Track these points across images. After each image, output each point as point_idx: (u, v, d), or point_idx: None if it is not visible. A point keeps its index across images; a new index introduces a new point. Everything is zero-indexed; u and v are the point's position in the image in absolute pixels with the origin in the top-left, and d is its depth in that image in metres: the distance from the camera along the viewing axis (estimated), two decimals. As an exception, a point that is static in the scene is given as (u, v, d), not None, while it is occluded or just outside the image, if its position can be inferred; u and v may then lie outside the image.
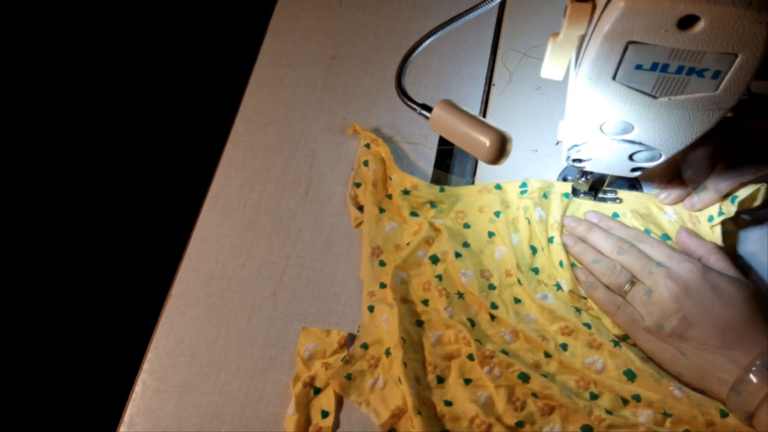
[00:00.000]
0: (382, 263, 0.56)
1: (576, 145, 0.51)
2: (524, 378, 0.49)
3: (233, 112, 0.68)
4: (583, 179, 0.56)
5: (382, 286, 0.55)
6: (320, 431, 0.50)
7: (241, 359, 0.54)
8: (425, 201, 0.59)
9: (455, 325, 0.51)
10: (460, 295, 0.54)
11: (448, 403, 0.49)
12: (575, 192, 0.58)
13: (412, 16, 0.72)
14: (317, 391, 0.52)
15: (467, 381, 0.50)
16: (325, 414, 0.51)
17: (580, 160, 0.53)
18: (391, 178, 0.60)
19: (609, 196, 0.58)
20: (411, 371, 0.50)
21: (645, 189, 0.59)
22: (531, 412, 0.48)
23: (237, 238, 0.60)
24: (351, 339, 0.54)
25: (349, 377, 0.51)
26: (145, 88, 1.50)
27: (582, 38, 0.42)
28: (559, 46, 0.43)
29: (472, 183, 0.61)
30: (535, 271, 0.55)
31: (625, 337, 0.51)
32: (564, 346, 0.51)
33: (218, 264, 0.59)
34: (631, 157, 0.50)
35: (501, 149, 0.45)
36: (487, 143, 0.45)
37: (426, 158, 0.63)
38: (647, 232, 0.55)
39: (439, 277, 0.54)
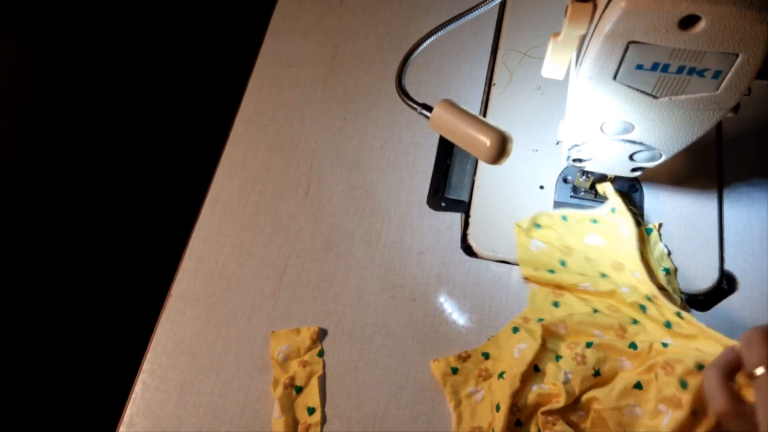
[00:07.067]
0: (556, 304, 0.55)
1: (576, 145, 0.51)
2: None
3: (233, 113, 0.68)
4: (583, 178, 0.56)
5: (540, 320, 0.53)
6: (309, 428, 0.50)
7: (241, 359, 0.54)
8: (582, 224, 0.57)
9: (559, 391, 0.49)
10: (589, 345, 0.51)
11: None
12: (576, 191, 0.58)
13: (412, 16, 0.72)
14: (299, 390, 0.52)
15: None
16: (311, 410, 0.51)
17: (580, 160, 0.53)
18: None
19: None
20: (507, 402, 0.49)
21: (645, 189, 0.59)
22: None
23: (237, 238, 0.60)
24: (323, 334, 0.55)
25: (455, 371, 0.51)
26: (145, 88, 1.50)
27: (583, 38, 0.42)
28: (559, 46, 0.43)
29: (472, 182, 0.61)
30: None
31: (668, 325, 0.50)
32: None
33: (218, 264, 0.59)
34: (631, 157, 0.50)
35: (501, 149, 0.45)
36: (488, 143, 0.45)
37: (426, 158, 0.63)
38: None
39: (595, 311, 0.53)
